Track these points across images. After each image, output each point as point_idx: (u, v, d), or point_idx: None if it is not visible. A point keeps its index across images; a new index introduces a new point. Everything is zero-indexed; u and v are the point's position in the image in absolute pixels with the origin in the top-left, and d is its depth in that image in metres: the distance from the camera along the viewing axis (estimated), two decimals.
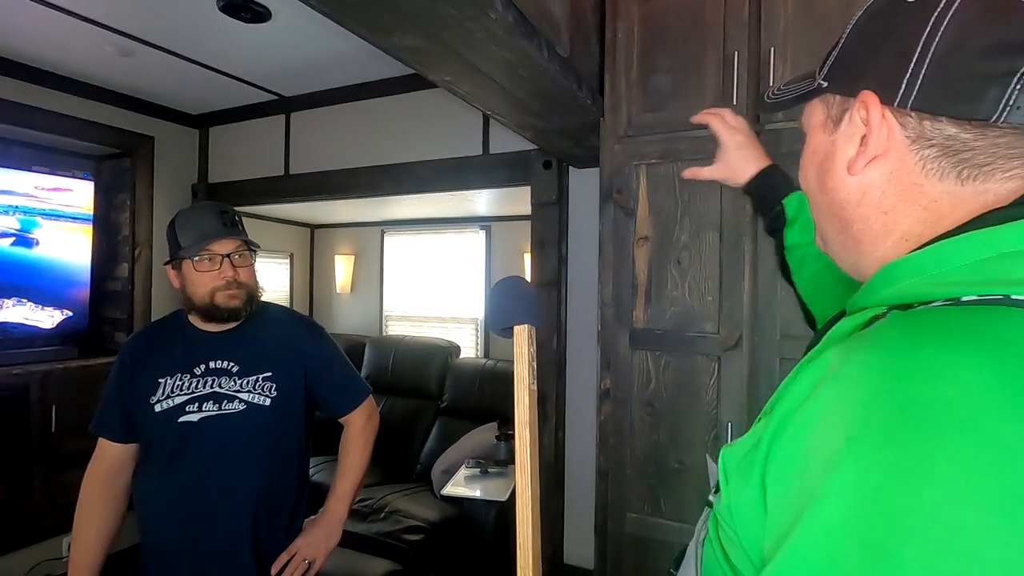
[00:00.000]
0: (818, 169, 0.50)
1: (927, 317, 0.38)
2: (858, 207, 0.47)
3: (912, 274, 0.42)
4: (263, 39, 2.26)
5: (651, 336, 1.56)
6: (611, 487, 1.60)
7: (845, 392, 0.35)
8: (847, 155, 0.46)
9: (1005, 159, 0.40)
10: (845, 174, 0.47)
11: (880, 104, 0.43)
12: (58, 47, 2.34)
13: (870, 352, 0.36)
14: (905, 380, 0.33)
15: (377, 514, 2.68)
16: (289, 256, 4.44)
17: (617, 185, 1.60)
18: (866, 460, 0.32)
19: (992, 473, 0.29)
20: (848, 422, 0.33)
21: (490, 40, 1.14)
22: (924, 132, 0.42)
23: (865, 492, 0.31)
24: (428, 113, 2.66)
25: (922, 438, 0.31)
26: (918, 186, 0.43)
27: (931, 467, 0.30)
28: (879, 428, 0.32)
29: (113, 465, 1.23)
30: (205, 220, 1.20)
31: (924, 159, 0.42)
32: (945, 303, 0.38)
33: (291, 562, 1.23)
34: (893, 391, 0.33)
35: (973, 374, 0.32)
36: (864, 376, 0.35)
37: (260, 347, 1.25)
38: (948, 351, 0.33)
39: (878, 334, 0.38)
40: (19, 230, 2.54)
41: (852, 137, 0.46)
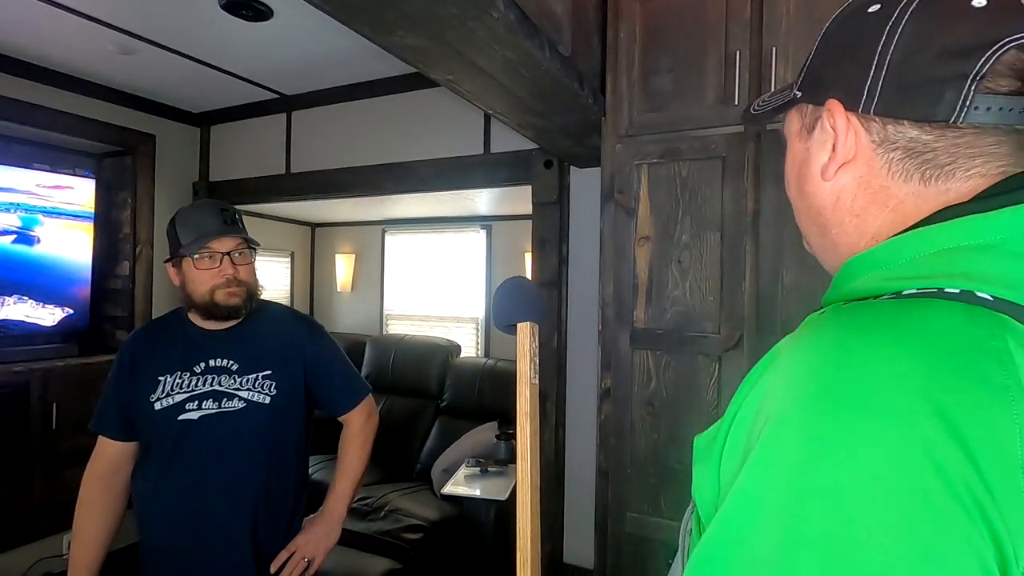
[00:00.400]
0: (797, 176, 0.52)
1: (859, 309, 0.39)
2: (833, 211, 0.49)
3: (867, 269, 0.45)
4: (264, 37, 2.26)
5: (652, 336, 1.56)
6: (611, 486, 1.60)
7: (778, 377, 0.38)
8: (820, 161, 0.48)
9: (966, 158, 0.42)
10: (820, 180, 0.49)
11: (844, 111, 0.45)
12: (60, 45, 2.34)
13: (803, 341, 0.39)
14: (824, 366, 0.36)
15: (377, 513, 2.68)
16: (290, 255, 4.44)
17: (618, 185, 1.60)
18: (783, 438, 0.35)
19: (888, 452, 0.31)
20: (776, 403, 0.37)
21: (492, 39, 1.14)
22: (888, 136, 0.44)
23: (779, 464, 0.34)
24: (429, 112, 2.66)
25: (832, 418, 0.33)
26: (885, 188, 0.45)
27: (836, 444, 0.33)
28: (798, 408, 0.35)
29: (113, 463, 1.23)
30: (205, 218, 1.20)
31: (889, 162, 0.44)
32: (889, 297, 0.41)
33: (290, 560, 1.23)
34: (813, 375, 0.36)
35: (885, 362, 0.34)
36: (794, 363, 0.38)
37: (260, 345, 1.25)
38: (867, 341, 0.36)
39: (815, 325, 0.40)
40: (20, 228, 2.54)
41: (824, 144, 0.48)
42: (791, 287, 1.41)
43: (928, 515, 0.30)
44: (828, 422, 0.33)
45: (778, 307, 1.43)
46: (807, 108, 0.50)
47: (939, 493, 0.30)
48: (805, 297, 1.39)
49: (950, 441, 0.31)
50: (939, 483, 0.30)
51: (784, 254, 1.41)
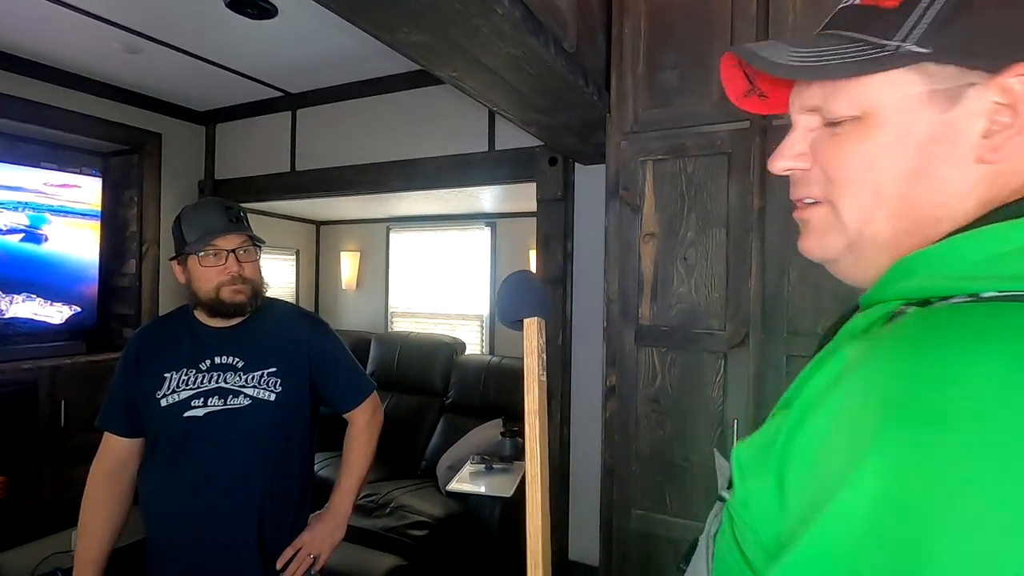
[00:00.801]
0: (919, 154, 0.41)
1: (948, 314, 0.36)
2: (963, 201, 0.41)
3: (928, 268, 0.40)
4: (269, 35, 2.26)
5: (657, 333, 1.55)
6: (616, 484, 1.60)
7: (870, 387, 0.34)
8: (971, 139, 0.39)
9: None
10: (969, 162, 0.40)
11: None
12: (66, 44, 2.35)
13: (895, 349, 0.35)
14: (929, 379, 0.32)
15: (383, 509, 2.69)
16: (295, 253, 4.45)
17: (623, 181, 1.60)
18: (892, 455, 0.31)
19: (1017, 471, 0.28)
20: (874, 418, 0.33)
21: (496, 36, 1.13)
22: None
23: (891, 486, 0.31)
24: (434, 109, 2.66)
25: (947, 435, 0.30)
26: (1019, 174, 0.40)
27: (954, 465, 0.30)
28: (903, 426, 0.32)
29: (119, 459, 1.24)
30: (210, 216, 1.21)
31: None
32: (965, 299, 0.37)
33: (296, 557, 1.24)
34: (918, 389, 0.32)
35: (996, 373, 0.31)
36: (890, 372, 0.34)
37: (265, 342, 1.25)
38: (972, 350, 0.33)
39: (901, 330, 0.37)
40: (28, 226, 2.55)
41: (978, 117, 0.39)
42: (797, 284, 1.41)
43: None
44: (949, 441, 0.30)
45: (784, 304, 1.43)
46: (937, 69, 0.40)
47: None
48: (811, 294, 1.38)
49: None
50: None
51: (790, 251, 1.40)
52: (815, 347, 0.54)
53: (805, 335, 1.39)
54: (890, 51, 0.40)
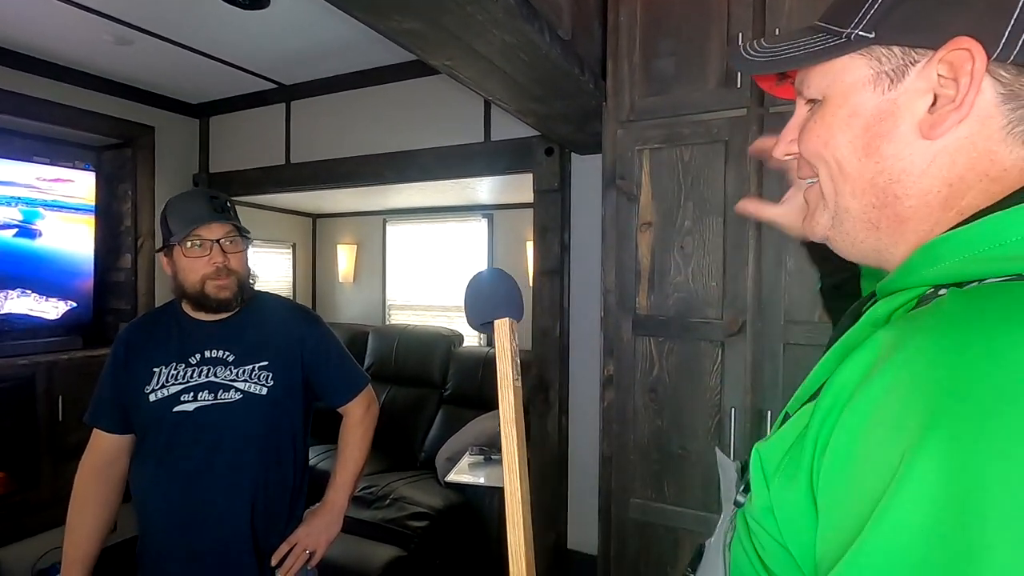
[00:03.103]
0: (865, 134, 0.43)
1: (994, 292, 0.34)
2: (920, 178, 0.41)
3: (961, 251, 0.38)
4: (262, 25, 2.24)
5: (654, 322, 1.55)
6: (614, 473, 1.60)
7: (912, 376, 0.32)
8: (915, 115, 0.40)
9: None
10: (914, 138, 0.41)
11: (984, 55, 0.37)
12: (55, 36, 2.32)
13: (936, 332, 0.33)
14: (983, 362, 0.30)
15: (382, 501, 2.70)
16: (291, 246, 4.44)
17: (620, 171, 1.59)
18: (948, 452, 0.28)
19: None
20: (922, 410, 0.30)
21: (491, 23, 1.12)
22: (1019, 91, 0.37)
23: (950, 488, 0.28)
24: (429, 100, 2.64)
25: (1009, 425, 0.28)
26: (992, 152, 0.39)
27: (1018, 456, 0.27)
28: (959, 416, 0.29)
29: (108, 456, 1.22)
30: (195, 205, 1.19)
31: (1012, 122, 0.38)
32: (1008, 279, 0.35)
33: (291, 553, 1.23)
34: (971, 375, 0.30)
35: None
36: (934, 359, 0.31)
37: (256, 336, 1.24)
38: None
39: (940, 313, 0.34)
40: (22, 221, 2.54)
41: (922, 94, 0.40)
42: (794, 272, 1.40)
43: None
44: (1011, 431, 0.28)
45: (781, 292, 1.42)
46: (889, 51, 0.41)
47: None
48: (808, 282, 1.38)
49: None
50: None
51: (787, 239, 1.39)
52: (830, 336, 0.52)
53: (802, 323, 1.39)
54: (843, 39, 0.42)
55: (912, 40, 0.40)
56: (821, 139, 0.45)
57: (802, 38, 0.45)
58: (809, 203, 0.50)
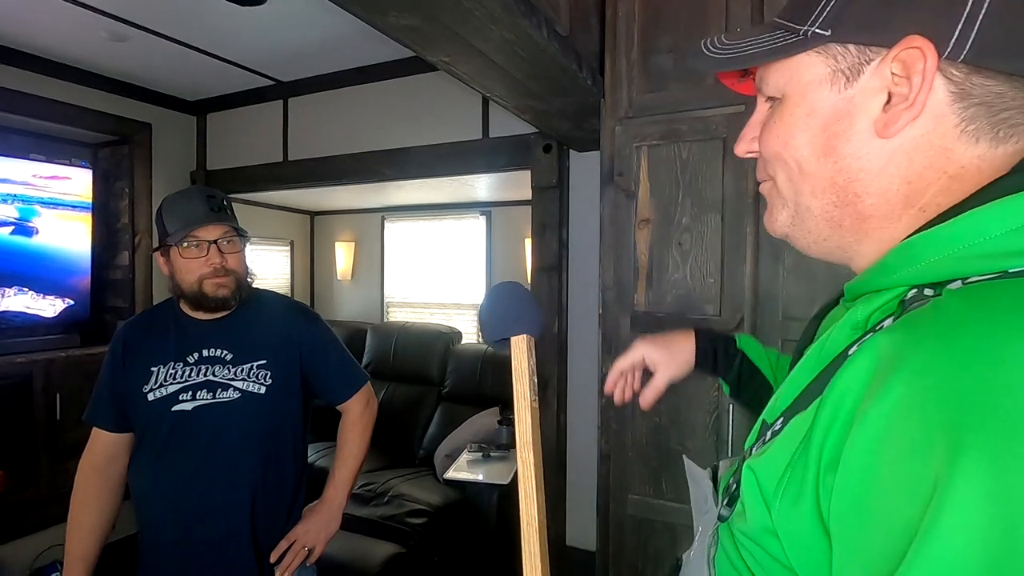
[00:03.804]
0: (823, 133, 0.43)
1: (990, 292, 0.33)
2: (878, 177, 0.41)
3: (940, 250, 0.37)
4: (259, 22, 2.23)
5: (652, 319, 1.55)
6: (613, 469, 1.60)
7: (928, 390, 0.29)
8: (871, 114, 0.40)
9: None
10: (870, 137, 0.40)
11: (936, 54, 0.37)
12: (50, 32, 2.31)
13: (943, 340, 0.31)
14: (1003, 370, 0.28)
15: (381, 498, 2.70)
16: (289, 243, 4.43)
17: (618, 167, 1.58)
18: (988, 472, 0.26)
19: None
20: (948, 427, 0.28)
21: (488, 19, 1.12)
22: (970, 89, 0.38)
23: (998, 510, 0.26)
24: (427, 97, 2.64)
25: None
26: (948, 150, 0.39)
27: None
28: (991, 431, 0.27)
29: (107, 455, 1.22)
30: (192, 205, 1.17)
31: (965, 120, 0.38)
32: (991, 277, 0.34)
33: (290, 549, 1.23)
34: (993, 385, 0.28)
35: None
36: (949, 369, 0.29)
37: (254, 334, 1.23)
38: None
39: (941, 316, 0.33)
40: (18, 219, 2.53)
41: (877, 93, 0.40)
42: (792, 269, 1.40)
43: None
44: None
45: (779, 289, 1.42)
46: (844, 49, 0.41)
47: None
48: (806, 279, 1.38)
49: None
50: None
51: None
52: (796, 346, 0.51)
53: (800, 320, 1.39)
54: (800, 36, 0.42)
55: (866, 38, 0.40)
56: (781, 139, 0.45)
57: (762, 34, 0.45)
58: (768, 201, 0.50)
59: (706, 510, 0.52)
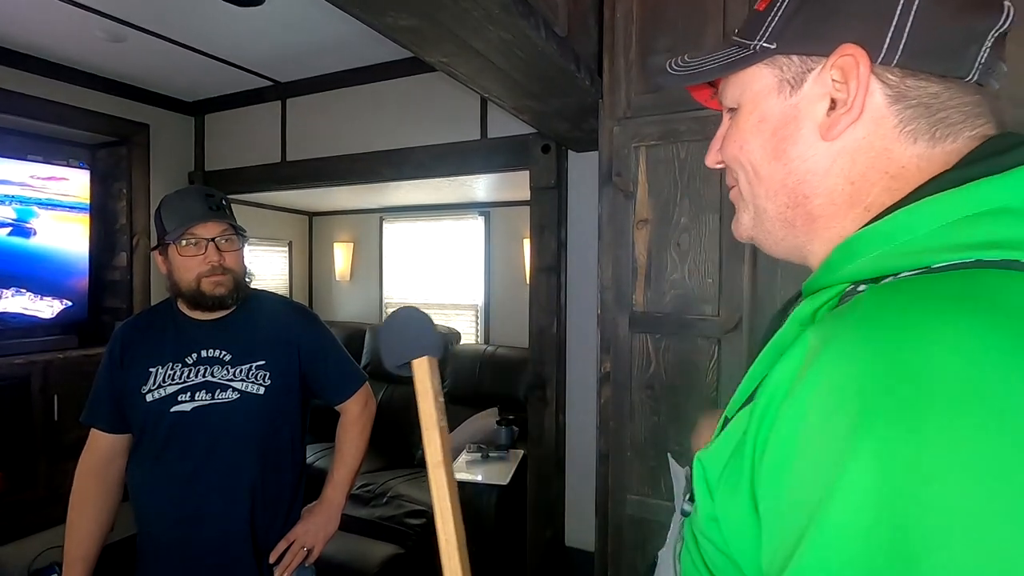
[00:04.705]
0: (773, 138, 0.45)
1: (907, 286, 0.35)
2: (825, 178, 0.43)
3: (874, 247, 0.39)
4: (257, 23, 2.23)
5: (651, 319, 1.55)
6: (612, 469, 1.60)
7: (836, 375, 0.31)
8: (815, 119, 0.43)
9: (974, 116, 0.40)
10: (815, 140, 0.43)
11: (868, 60, 0.39)
12: (47, 33, 2.30)
13: (856, 328, 0.33)
14: (902, 355, 0.30)
15: (379, 499, 2.70)
16: (288, 244, 4.43)
17: (616, 167, 1.59)
18: (877, 452, 0.28)
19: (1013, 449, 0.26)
20: (848, 410, 0.30)
21: (486, 19, 1.12)
22: (905, 91, 0.40)
23: (882, 489, 0.27)
24: (426, 97, 2.64)
25: (938, 421, 0.27)
26: (888, 151, 0.41)
27: (948, 453, 0.27)
28: (884, 414, 0.29)
29: (105, 455, 1.22)
30: (190, 204, 1.18)
31: (903, 121, 0.40)
32: (916, 273, 0.36)
33: (289, 550, 1.23)
34: (891, 369, 0.29)
35: (972, 340, 0.29)
36: (855, 355, 0.31)
37: (253, 335, 1.23)
38: (941, 319, 0.30)
39: (859, 309, 0.35)
40: (16, 220, 2.52)
41: (820, 99, 0.43)
42: (790, 268, 1.40)
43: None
44: (931, 426, 0.27)
45: (777, 289, 1.43)
46: (789, 60, 0.44)
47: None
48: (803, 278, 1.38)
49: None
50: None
51: None
52: (761, 339, 0.53)
53: None
54: (751, 51, 0.46)
55: (807, 48, 0.43)
56: (737, 144, 0.48)
57: (719, 51, 0.49)
58: (735, 206, 0.53)
59: (678, 508, 0.53)
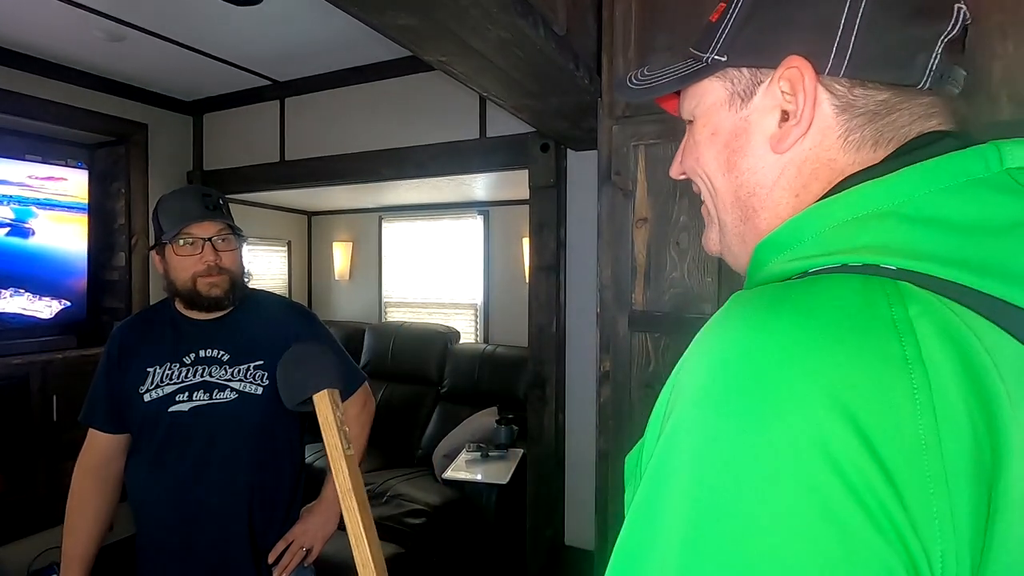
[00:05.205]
0: (724, 150, 0.46)
1: (753, 294, 0.36)
2: (771, 191, 0.43)
3: (774, 253, 0.41)
4: (255, 22, 2.22)
5: (650, 318, 1.55)
6: (611, 468, 1.60)
7: (680, 376, 0.35)
8: (766, 131, 0.43)
9: (925, 118, 0.39)
10: (765, 152, 0.43)
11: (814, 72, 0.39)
12: (46, 32, 2.30)
13: (703, 334, 0.36)
14: (717, 357, 0.33)
15: (379, 498, 2.70)
16: (287, 244, 4.42)
17: (615, 166, 1.58)
18: (680, 442, 0.32)
19: (780, 451, 0.28)
20: (677, 403, 0.34)
21: (485, 18, 1.11)
22: (853, 101, 0.40)
23: (674, 473, 0.32)
24: (424, 97, 2.63)
25: (724, 416, 0.31)
26: (832, 161, 0.41)
27: (729, 447, 0.30)
28: (693, 406, 0.33)
29: (103, 455, 1.22)
30: (186, 203, 1.17)
31: (849, 130, 0.40)
32: (796, 278, 0.37)
33: (288, 550, 1.22)
34: (708, 369, 0.33)
35: (774, 347, 0.31)
36: (692, 358, 0.35)
37: (251, 335, 1.23)
38: (756, 325, 0.33)
39: (715, 316, 0.37)
40: (14, 220, 2.52)
41: (771, 111, 0.42)
42: None
43: (827, 524, 0.27)
44: (721, 421, 0.30)
45: None
46: (739, 73, 0.44)
47: (838, 497, 0.27)
48: None
49: (846, 430, 0.28)
50: (838, 484, 0.27)
51: None
52: None
53: None
54: (703, 64, 0.45)
55: (755, 61, 0.43)
56: (693, 156, 0.49)
57: (675, 64, 0.49)
58: (704, 220, 0.53)
59: None
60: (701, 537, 0.29)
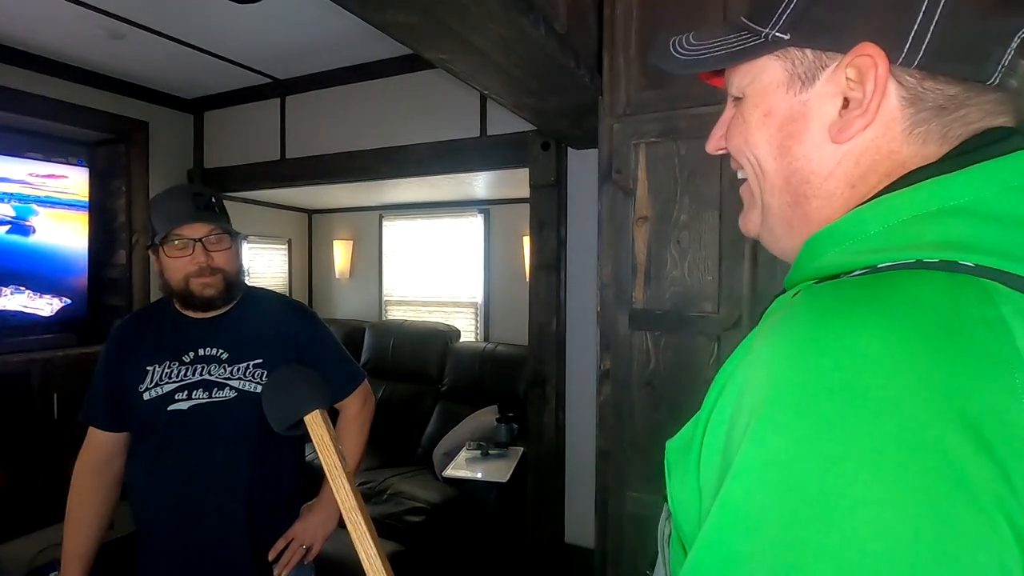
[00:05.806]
0: (779, 134, 0.43)
1: (835, 288, 0.35)
2: (826, 180, 0.42)
3: (833, 245, 0.40)
4: (256, 19, 2.22)
5: (651, 316, 1.55)
6: (611, 467, 1.60)
7: (755, 371, 0.34)
8: (825, 118, 0.41)
9: (994, 115, 0.38)
10: (823, 140, 0.41)
11: (887, 62, 0.37)
12: (47, 30, 2.30)
13: (779, 328, 0.34)
14: (806, 353, 0.31)
15: (379, 496, 2.70)
16: (287, 242, 4.42)
17: (616, 165, 1.58)
18: (769, 440, 0.31)
19: (891, 450, 0.27)
20: (757, 401, 0.32)
21: (485, 16, 1.11)
22: (922, 94, 0.38)
23: (768, 470, 0.30)
24: (425, 95, 2.63)
25: (822, 414, 0.29)
26: (893, 153, 0.39)
27: (828, 444, 0.28)
28: (782, 403, 0.31)
29: (103, 454, 1.22)
30: (177, 204, 1.16)
31: (915, 123, 0.39)
32: (863, 272, 0.36)
33: (288, 548, 1.22)
34: (795, 365, 0.31)
35: (874, 344, 0.30)
36: (772, 353, 0.33)
37: (250, 333, 1.22)
38: (850, 321, 0.31)
39: (789, 310, 0.36)
40: (15, 217, 2.52)
41: (831, 97, 0.40)
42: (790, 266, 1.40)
43: (945, 520, 0.26)
44: (818, 419, 0.29)
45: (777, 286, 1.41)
46: (802, 54, 0.41)
47: (955, 494, 0.26)
48: None
49: (961, 430, 0.27)
50: (953, 481, 0.26)
51: None
52: None
53: None
54: (762, 39, 0.42)
55: (823, 44, 0.40)
56: (742, 136, 0.46)
57: (727, 35, 0.45)
58: (744, 201, 0.51)
59: None
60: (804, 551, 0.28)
